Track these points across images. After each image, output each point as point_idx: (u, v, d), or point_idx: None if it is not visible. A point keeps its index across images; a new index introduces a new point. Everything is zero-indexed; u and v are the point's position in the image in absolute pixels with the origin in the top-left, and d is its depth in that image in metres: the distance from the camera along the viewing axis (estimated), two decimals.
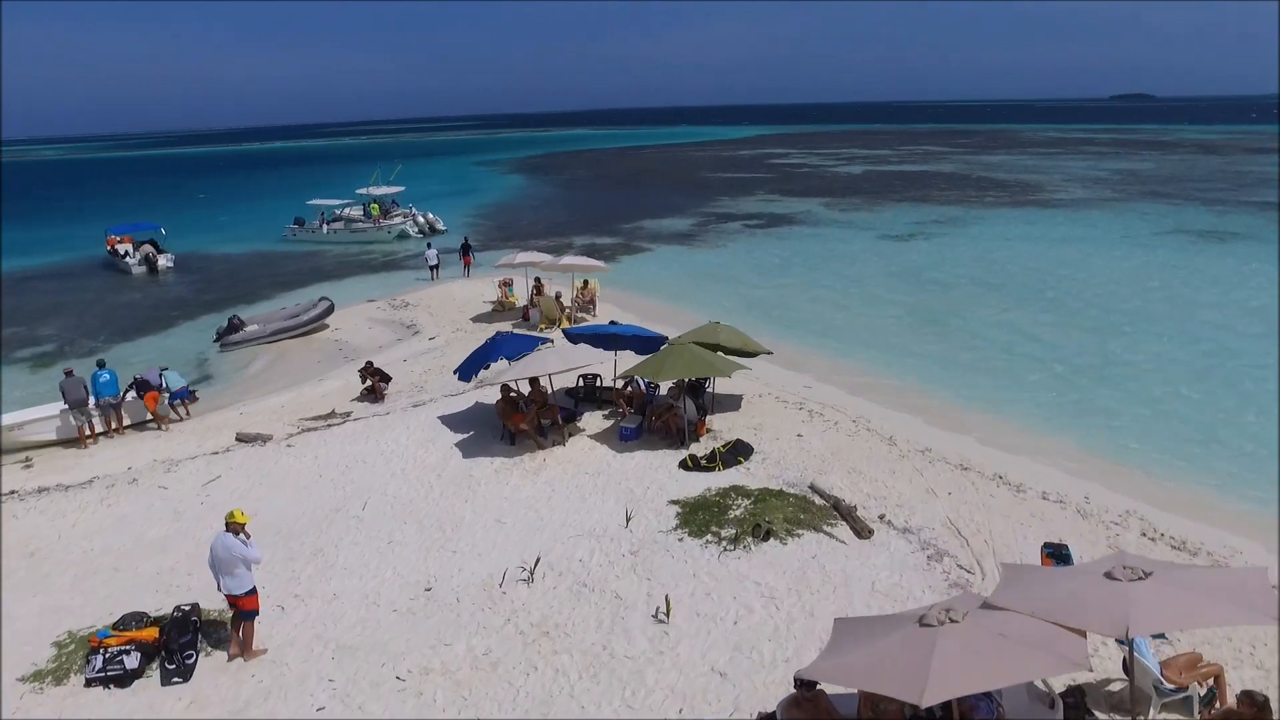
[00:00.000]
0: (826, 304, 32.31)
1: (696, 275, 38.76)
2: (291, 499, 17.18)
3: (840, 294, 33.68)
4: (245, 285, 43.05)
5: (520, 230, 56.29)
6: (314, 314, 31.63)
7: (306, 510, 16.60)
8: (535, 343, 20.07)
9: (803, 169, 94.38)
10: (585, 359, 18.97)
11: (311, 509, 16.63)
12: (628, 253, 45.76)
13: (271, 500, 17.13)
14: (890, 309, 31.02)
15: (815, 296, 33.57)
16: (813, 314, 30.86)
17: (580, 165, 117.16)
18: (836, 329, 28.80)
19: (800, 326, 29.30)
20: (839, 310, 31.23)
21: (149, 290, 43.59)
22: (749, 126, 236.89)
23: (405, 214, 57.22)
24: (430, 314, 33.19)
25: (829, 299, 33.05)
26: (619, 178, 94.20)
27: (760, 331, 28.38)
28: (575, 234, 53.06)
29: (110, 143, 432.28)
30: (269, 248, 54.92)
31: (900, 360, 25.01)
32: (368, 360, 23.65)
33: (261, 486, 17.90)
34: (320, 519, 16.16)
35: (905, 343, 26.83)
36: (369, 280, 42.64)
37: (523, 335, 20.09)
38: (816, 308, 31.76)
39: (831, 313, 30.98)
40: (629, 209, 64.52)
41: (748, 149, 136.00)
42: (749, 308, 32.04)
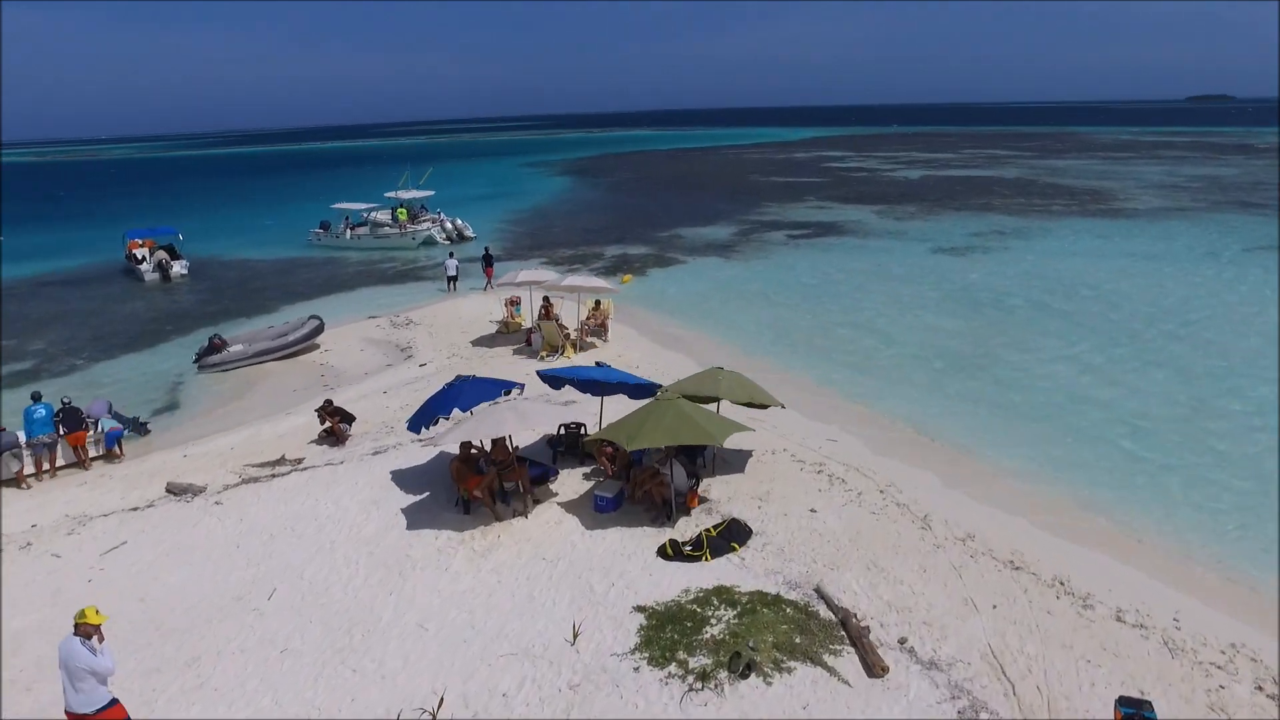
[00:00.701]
0: (867, 332, 28.71)
1: (727, 293, 35.36)
2: (194, 577, 14.31)
3: (884, 320, 30.04)
4: (253, 295, 40.78)
5: (550, 238, 53.40)
6: (300, 334, 28.96)
7: (205, 595, 13.71)
8: (499, 390, 16.88)
9: (858, 173, 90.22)
10: (548, 420, 15.75)
11: (211, 593, 13.74)
12: (658, 264, 42.53)
13: (171, 578, 14.31)
14: (940, 340, 27.32)
15: (855, 322, 29.99)
16: (850, 344, 27.28)
17: (629, 167, 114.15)
18: (876, 365, 25.20)
19: (834, 359, 25.78)
20: (881, 341, 27.58)
21: (155, 299, 41.48)
22: (807, 128, 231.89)
23: (433, 219, 54.69)
24: (430, 335, 30.36)
25: (870, 325, 29.45)
26: (666, 181, 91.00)
27: (788, 363, 25.23)
28: (607, 243, 50.02)
29: (181, 141, 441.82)
30: (291, 253, 52.75)
31: (946, 409, 21.39)
32: (326, 399, 20.73)
33: (167, 558, 15.07)
34: (215, 610, 13.24)
35: (954, 386, 23.17)
36: (381, 292, 40.03)
37: (486, 381, 16.94)
38: (855, 337, 28.18)
39: (872, 344, 27.37)
40: (669, 215, 61.31)
41: (803, 151, 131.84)
42: (778, 334, 28.66)
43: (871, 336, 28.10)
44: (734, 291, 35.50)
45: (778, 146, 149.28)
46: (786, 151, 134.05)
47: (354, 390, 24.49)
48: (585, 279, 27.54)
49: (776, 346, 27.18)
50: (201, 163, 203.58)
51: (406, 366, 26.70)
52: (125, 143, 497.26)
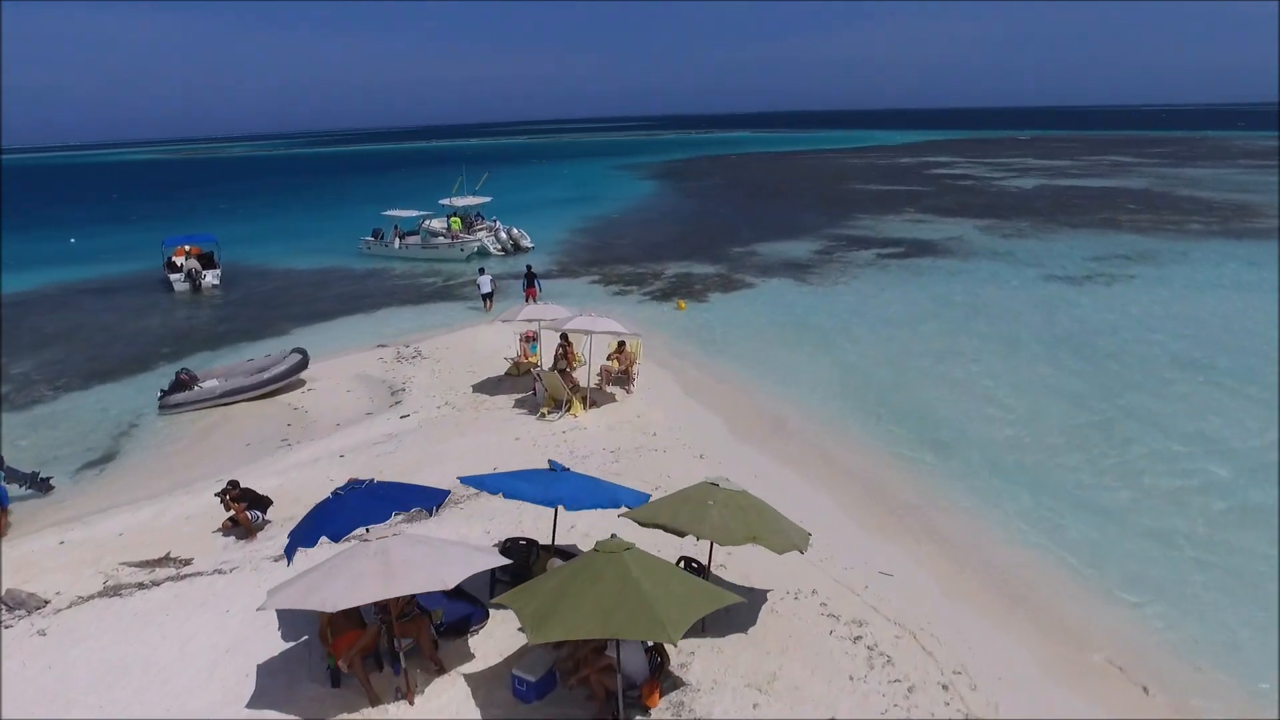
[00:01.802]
0: (960, 390, 22.96)
1: (795, 328, 29.92)
2: None
3: (983, 372, 24.20)
4: (275, 312, 37.28)
5: (613, 251, 48.62)
6: (277, 372, 24.83)
7: None
8: (392, 509, 11.86)
9: (964, 181, 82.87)
10: (442, 571, 10.30)
11: None
12: (722, 287, 37.27)
13: None
14: (1049, 405, 21.44)
15: (946, 374, 24.26)
16: (935, 408, 21.60)
17: (721, 172, 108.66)
18: (966, 442, 19.46)
19: (911, 430, 20.22)
20: (977, 404, 21.76)
21: (174, 314, 38.32)
22: (915, 131, 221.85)
23: (489, 227, 50.56)
24: (432, 373, 25.88)
25: (962, 380, 23.69)
26: (755, 187, 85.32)
27: (850, 433, 19.84)
28: (672, 258, 44.98)
29: (300, 139, 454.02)
30: (335, 262, 49.36)
31: (1056, 522, 15.68)
32: (231, 480, 16.22)
33: None
34: None
35: (1069, 481, 17.40)
36: (407, 313, 35.92)
37: (385, 492, 11.92)
38: (943, 398, 22.46)
39: (965, 408, 21.62)
40: (748, 226, 55.87)
41: (908, 156, 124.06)
42: (846, 390, 23.17)
43: (965, 396, 22.37)
44: (803, 326, 30.04)
45: (882, 151, 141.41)
46: (890, 156, 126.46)
47: (308, 451, 20.12)
48: (598, 320, 22.09)
49: (840, 409, 21.71)
50: (305, 161, 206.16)
51: (386, 417, 22.20)
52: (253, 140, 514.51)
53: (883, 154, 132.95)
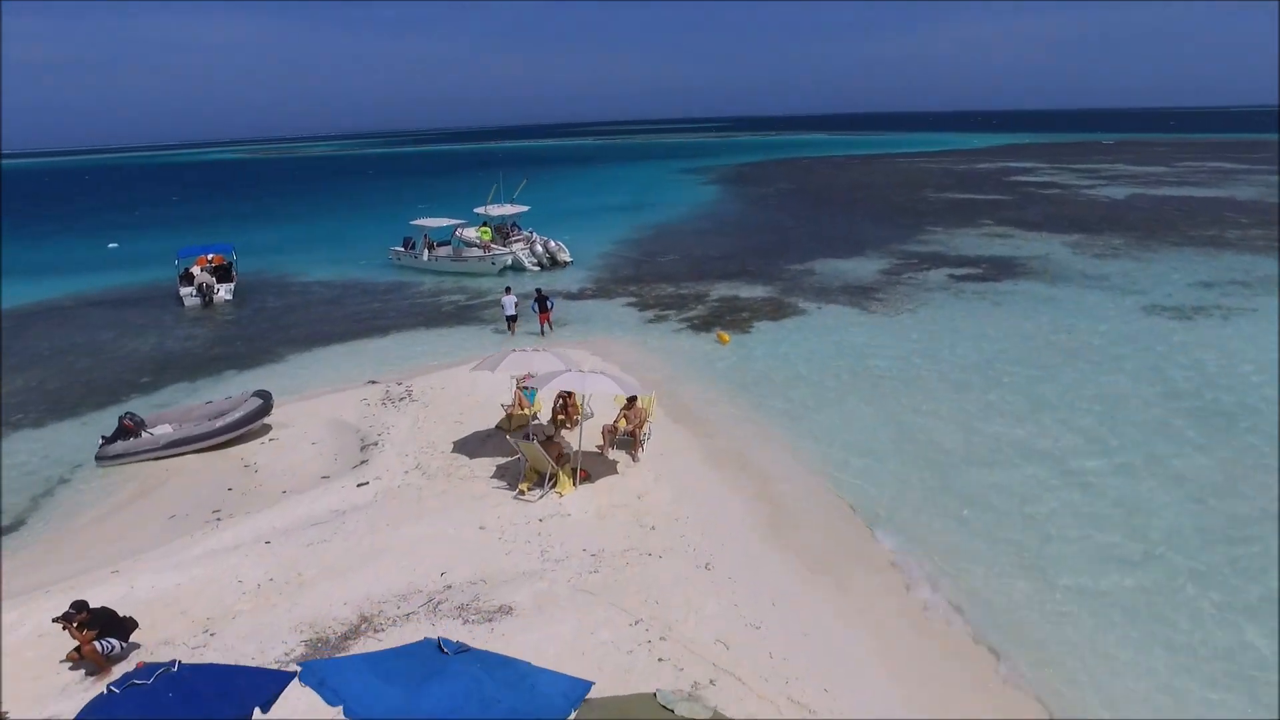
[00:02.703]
0: (1051, 468, 18.30)
1: (850, 372, 25.40)
2: None
3: (1075, 447, 19.44)
4: (281, 333, 34.16)
5: (657, 267, 44.49)
6: (231, 420, 21.30)
7: None
8: None
9: (1049, 190, 76.70)
10: None
11: None
12: (772, 314, 32.88)
13: None
14: (1175, 511, 16.61)
15: (1029, 445, 19.60)
16: (1017, 503, 16.91)
17: (788, 177, 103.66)
18: (1061, 564, 14.87)
19: (992, 538, 15.71)
20: (1072, 495, 16.99)
21: (172, 334, 35.32)
22: (995, 134, 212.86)
23: (526, 238, 46.86)
24: (415, 422, 22.09)
25: (1056, 457, 18.97)
26: (823, 194, 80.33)
27: (918, 525, 15.42)
28: (721, 276, 40.73)
29: (372, 140, 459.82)
30: (361, 274, 46.27)
31: None
32: (77, 601, 12.47)
33: None
34: None
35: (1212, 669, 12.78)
36: (420, 338, 32.42)
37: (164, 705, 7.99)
38: (1025, 480, 17.89)
39: (1054, 503, 16.96)
40: (810, 240, 51.29)
41: (987, 161, 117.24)
42: (911, 463, 18.71)
43: (1056, 480, 17.71)
44: (861, 370, 25.49)
45: (959, 155, 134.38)
46: (968, 160, 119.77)
47: (234, 532, 16.42)
48: (591, 378, 17.35)
49: (908, 496, 17.22)
50: (370, 161, 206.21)
51: (341, 485, 18.43)
52: (328, 140, 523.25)
53: (960, 158, 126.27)
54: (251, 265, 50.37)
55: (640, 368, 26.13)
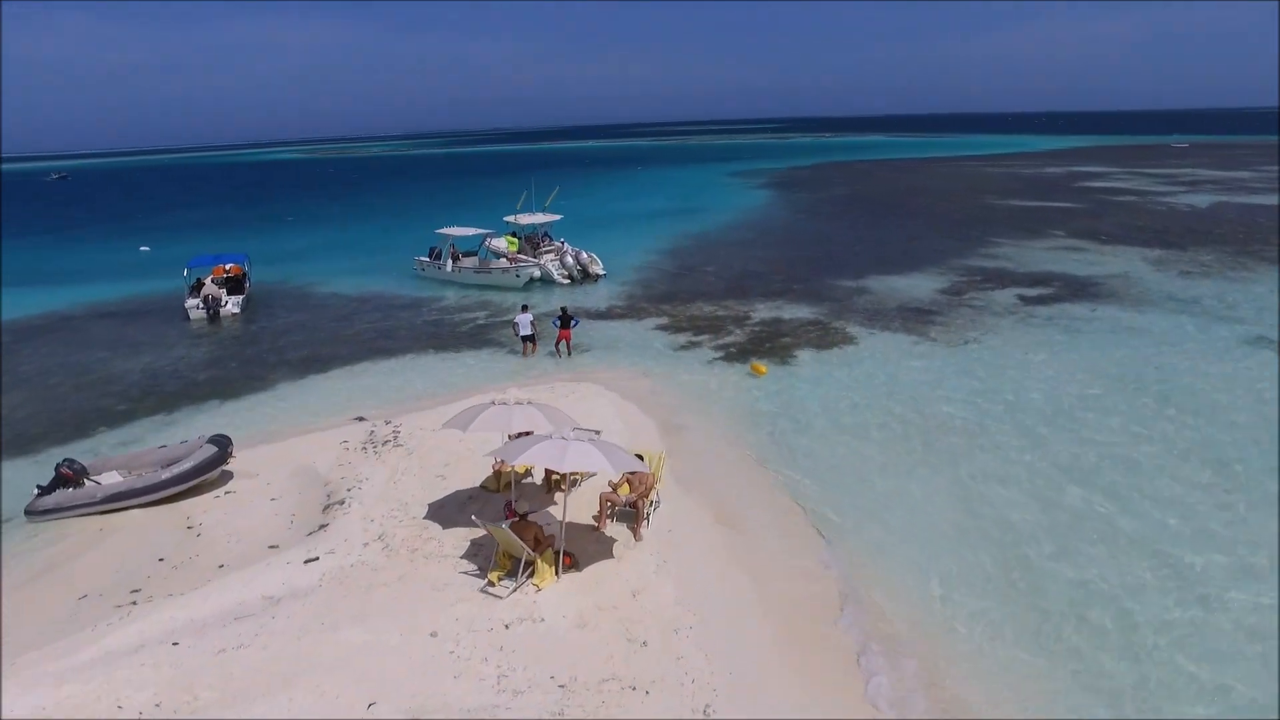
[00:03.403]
0: (1145, 563, 14.69)
1: (904, 419, 21.83)
2: None
3: (1175, 530, 15.76)
4: (279, 355, 31.61)
5: (695, 281, 41.14)
6: (179, 471, 18.48)
7: None
8: None
9: (1122, 196, 71.72)
10: None
11: None
12: (817, 340, 29.38)
13: None
14: None
15: (1117, 528, 15.96)
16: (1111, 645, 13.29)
17: (845, 181, 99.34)
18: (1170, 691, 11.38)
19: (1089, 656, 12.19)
20: (1189, 650, 13.16)
21: (168, 354, 32.85)
22: (1062, 136, 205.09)
23: (556, 249, 43.87)
24: (394, 473, 19.15)
25: (1143, 542, 15.35)
26: (880, 200, 76.13)
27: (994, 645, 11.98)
28: (764, 294, 37.31)
29: (434, 140, 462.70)
30: (382, 285, 43.67)
31: None
32: None
33: None
34: None
35: None
36: (428, 362, 29.56)
37: None
38: (1120, 574, 14.27)
39: (1156, 609, 13.41)
40: (865, 252, 47.58)
41: (1055, 165, 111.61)
42: (978, 553, 15.18)
43: (1167, 587, 14.05)
44: (917, 418, 21.86)
45: (1024, 158, 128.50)
46: (1035, 164, 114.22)
47: (140, 626, 13.54)
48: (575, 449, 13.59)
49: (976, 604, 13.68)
50: (424, 162, 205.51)
51: (287, 560, 15.46)
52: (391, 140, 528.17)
53: (1025, 161, 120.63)
54: (273, 273, 48.23)
55: (661, 407, 22.97)
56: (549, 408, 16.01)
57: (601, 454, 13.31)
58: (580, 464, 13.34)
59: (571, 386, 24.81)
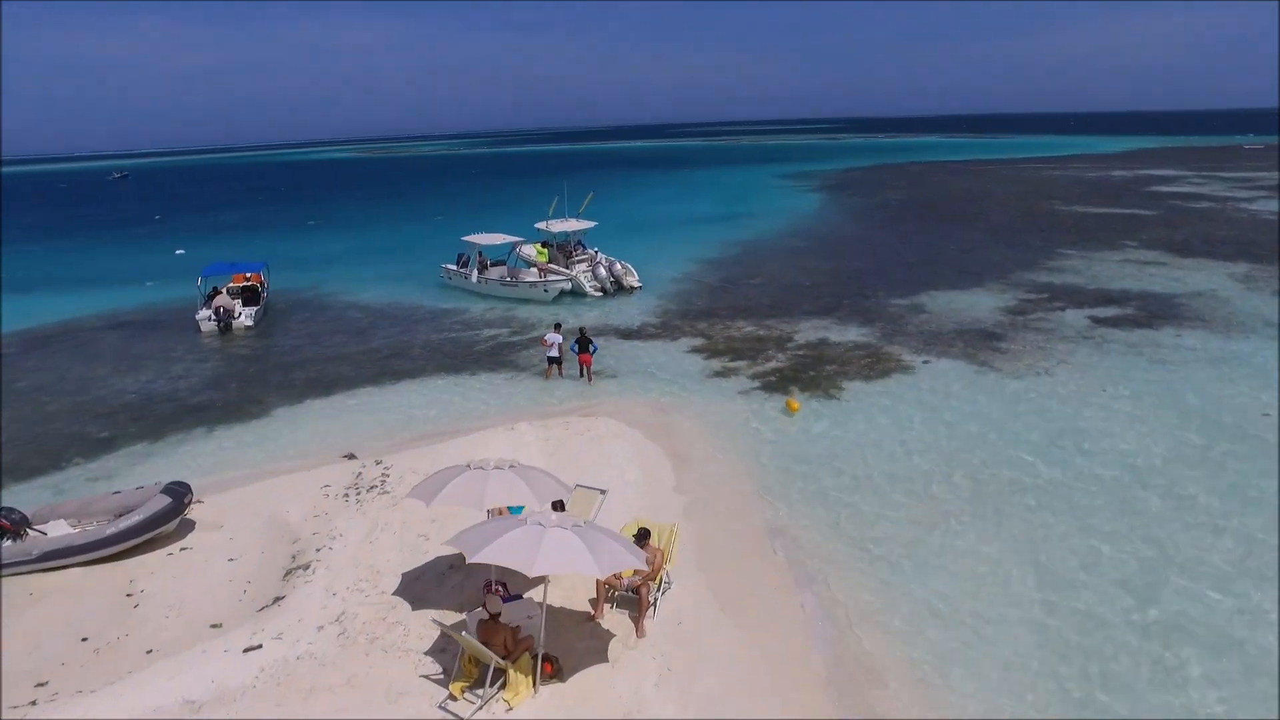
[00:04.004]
0: None
1: (966, 472, 18.89)
2: None
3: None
4: (284, 374, 29.50)
5: (734, 296, 38.28)
6: (126, 527, 16.17)
7: None
8: None
9: (1198, 203, 67.27)
10: None
11: None
12: (865, 371, 26.41)
13: None
14: None
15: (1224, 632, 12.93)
16: None
17: (898, 184, 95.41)
18: None
19: None
20: None
21: (167, 371, 30.89)
22: (1127, 137, 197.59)
23: (589, 258, 41.33)
24: (372, 530, 16.70)
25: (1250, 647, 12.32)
26: (937, 206, 72.40)
27: None
28: (810, 311, 34.42)
29: (487, 139, 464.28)
30: (406, 295, 41.55)
31: None
32: None
33: None
34: None
35: None
36: (438, 386, 27.19)
37: None
38: None
39: None
40: (919, 264, 44.34)
41: (1122, 168, 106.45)
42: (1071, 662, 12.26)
43: None
44: (976, 466, 18.95)
45: (1090, 161, 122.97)
46: (1100, 167, 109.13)
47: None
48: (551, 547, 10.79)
49: None
50: (475, 161, 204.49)
51: (224, 647, 13.02)
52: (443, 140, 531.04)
53: (1089, 164, 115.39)
54: (297, 279, 46.45)
55: (685, 451, 20.27)
56: (534, 472, 13.31)
57: (586, 548, 10.62)
58: (557, 564, 10.69)
59: (589, 423, 22.19)
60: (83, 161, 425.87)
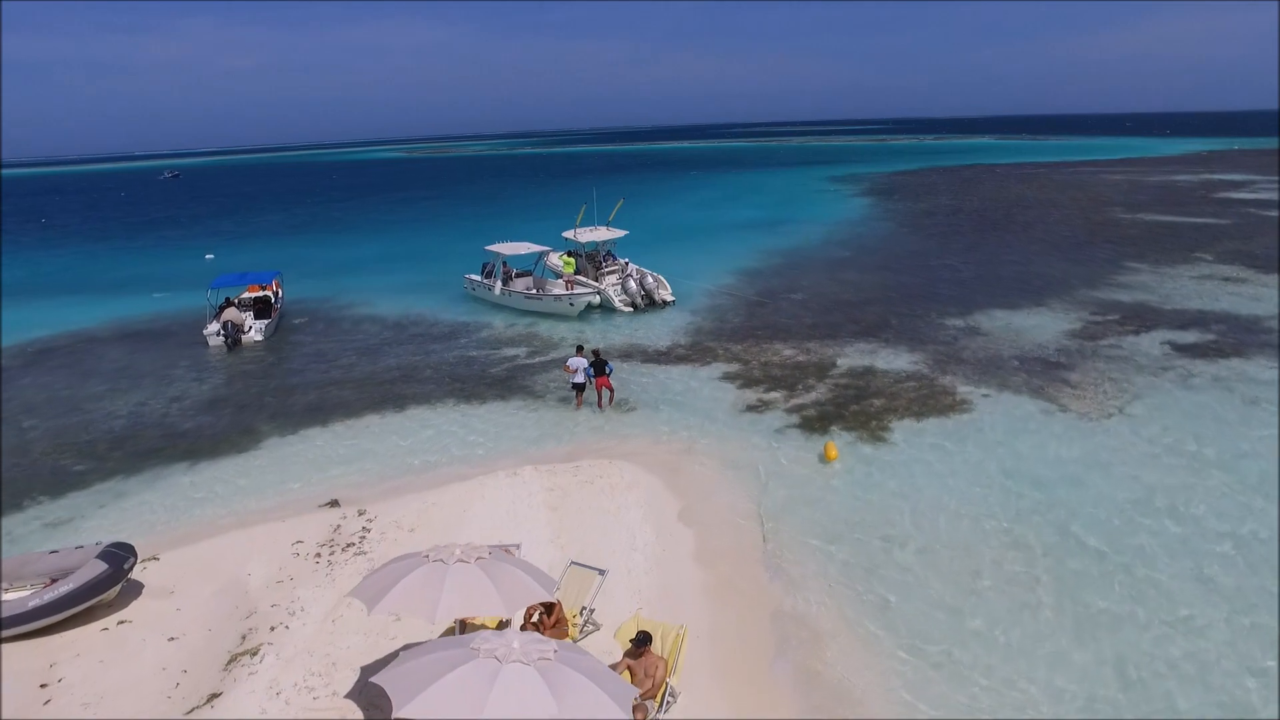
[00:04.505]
0: None
1: (1024, 543, 16.16)
2: None
3: None
4: (281, 399, 27.50)
5: (776, 314, 35.57)
6: (53, 599, 14.02)
7: None
8: None
9: (1273, 210, 63.16)
10: None
11: None
12: (916, 406, 23.63)
13: None
14: None
15: None
16: None
17: (951, 189, 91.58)
18: None
19: None
20: None
21: (169, 389, 29.09)
22: (1189, 139, 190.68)
23: (620, 268, 38.94)
24: (337, 609, 14.35)
25: None
26: (990, 212, 68.92)
27: None
28: (854, 333, 31.68)
29: (533, 140, 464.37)
30: (426, 307, 39.52)
31: None
32: None
33: None
34: None
35: None
36: (447, 416, 24.96)
37: None
38: None
39: None
40: (975, 278, 41.33)
41: (1184, 171, 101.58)
42: None
43: None
44: (1049, 538, 16.18)
45: (1149, 164, 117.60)
46: (1162, 170, 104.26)
47: None
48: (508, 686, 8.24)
49: None
50: (518, 161, 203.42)
51: None
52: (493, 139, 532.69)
53: (1148, 167, 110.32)
54: (318, 288, 44.80)
55: (705, 513, 17.69)
56: (506, 567, 10.74)
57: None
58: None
59: (601, 468, 19.75)
60: (138, 161, 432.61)
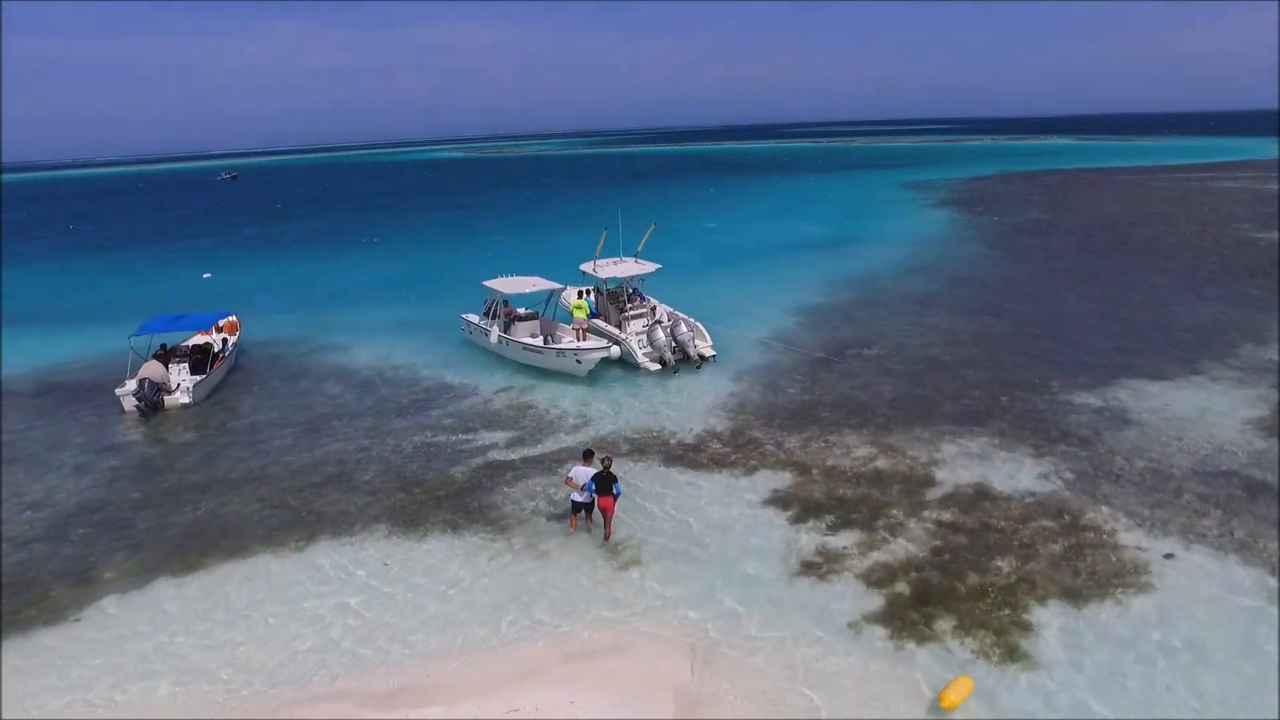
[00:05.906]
0: None
1: None
2: None
3: None
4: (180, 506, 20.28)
5: (842, 381, 27.37)
6: None
7: None
8: None
9: None
10: None
11: None
12: (1058, 572, 15.47)
13: None
14: None
15: None
16: None
17: (1038, 199, 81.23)
18: None
19: None
20: None
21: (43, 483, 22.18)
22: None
23: (646, 311, 31.19)
24: None
25: None
26: (1092, 229, 59.35)
27: None
28: (950, 418, 23.49)
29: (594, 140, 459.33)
30: (410, 356, 32.30)
31: None
32: None
33: None
34: None
35: None
36: (379, 548, 17.43)
37: None
38: None
39: None
40: (1098, 325, 32.66)
41: None
42: None
43: None
44: None
45: (1258, 169, 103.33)
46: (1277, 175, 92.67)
47: None
48: None
49: None
50: (573, 162, 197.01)
51: None
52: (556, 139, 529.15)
53: (1259, 172, 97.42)
54: (301, 324, 38.06)
55: None
56: None
57: None
58: None
59: (571, 686, 11.93)
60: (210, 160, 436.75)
